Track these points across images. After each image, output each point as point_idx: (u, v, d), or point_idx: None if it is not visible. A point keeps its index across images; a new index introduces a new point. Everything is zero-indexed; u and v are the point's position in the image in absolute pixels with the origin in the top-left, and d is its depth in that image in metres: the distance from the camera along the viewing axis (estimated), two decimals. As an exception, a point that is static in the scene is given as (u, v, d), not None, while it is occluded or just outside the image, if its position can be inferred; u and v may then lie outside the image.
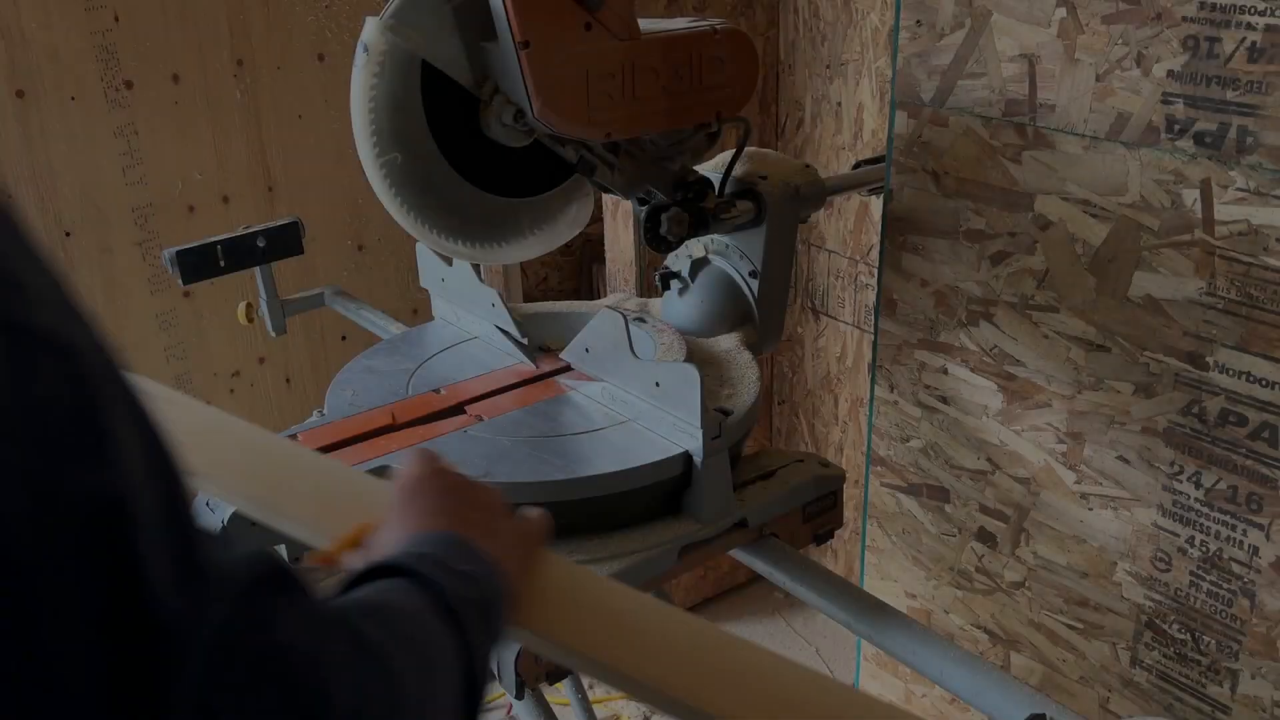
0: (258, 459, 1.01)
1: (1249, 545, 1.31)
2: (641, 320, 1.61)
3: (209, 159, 2.61)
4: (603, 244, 2.56)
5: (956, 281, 1.58)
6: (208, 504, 1.20)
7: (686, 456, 1.29)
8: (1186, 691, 1.43)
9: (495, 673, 1.20)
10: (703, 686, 0.82)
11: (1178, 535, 1.39)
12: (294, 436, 1.32)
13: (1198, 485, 1.35)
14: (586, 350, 1.42)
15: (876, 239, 2.53)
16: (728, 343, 1.57)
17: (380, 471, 1.25)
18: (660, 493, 1.29)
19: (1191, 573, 1.39)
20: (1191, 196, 1.27)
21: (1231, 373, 1.28)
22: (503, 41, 1.25)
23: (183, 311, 2.56)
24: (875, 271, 2.18)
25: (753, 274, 1.58)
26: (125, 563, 0.42)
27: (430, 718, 0.61)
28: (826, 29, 2.53)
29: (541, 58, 1.25)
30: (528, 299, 3.05)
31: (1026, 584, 1.62)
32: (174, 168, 2.54)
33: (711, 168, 1.58)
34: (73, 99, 2.22)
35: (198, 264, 1.55)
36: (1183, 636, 1.42)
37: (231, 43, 2.58)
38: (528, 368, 1.51)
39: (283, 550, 1.22)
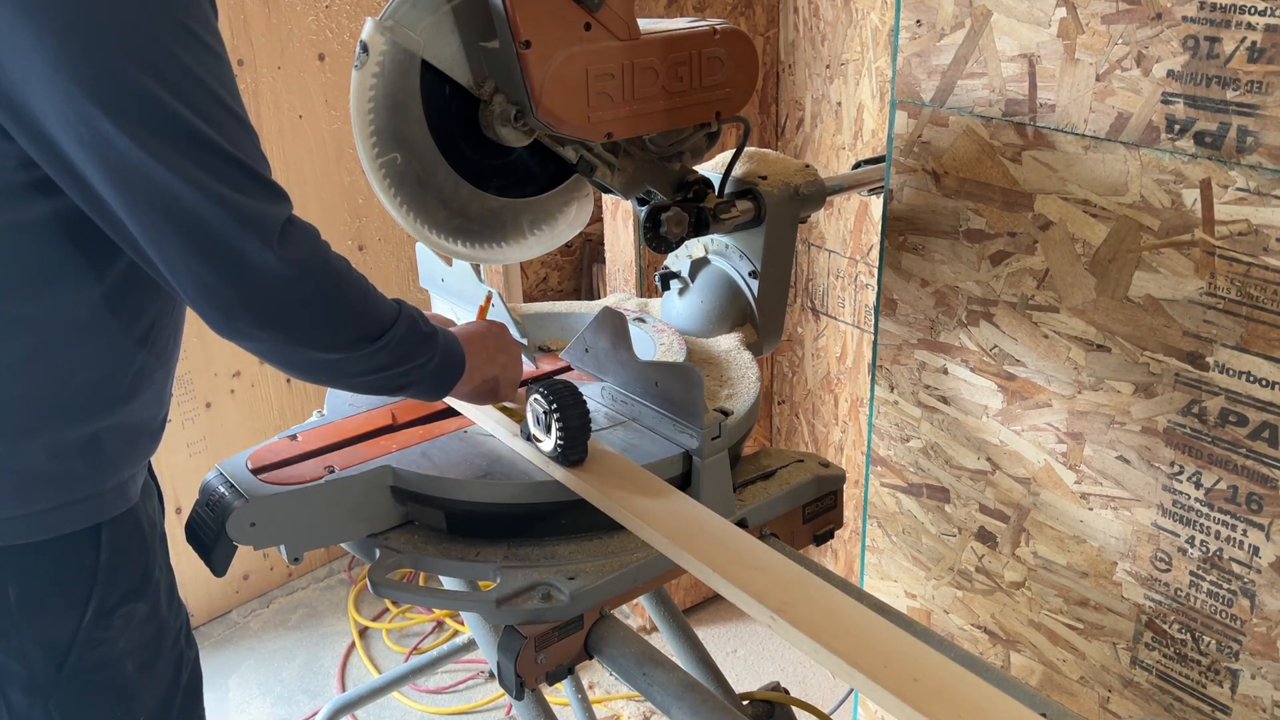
0: None
1: (1249, 545, 1.31)
2: (641, 320, 1.61)
3: (209, 159, 2.60)
4: (603, 244, 2.57)
5: (956, 281, 1.58)
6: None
7: (686, 456, 1.29)
8: (1186, 691, 1.43)
9: (496, 673, 1.20)
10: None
11: (1178, 535, 1.39)
12: (294, 437, 1.32)
13: (1198, 485, 1.35)
14: (586, 350, 1.42)
15: (876, 239, 2.53)
16: (728, 343, 1.57)
17: (380, 472, 1.25)
18: (660, 493, 1.29)
19: (1191, 573, 1.39)
20: (1191, 196, 1.27)
21: (1231, 373, 1.28)
22: (503, 41, 1.25)
23: (183, 311, 2.55)
24: (875, 271, 2.18)
25: (753, 274, 1.58)
26: None
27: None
28: (826, 29, 2.53)
29: (541, 58, 1.25)
30: (528, 299, 3.05)
31: (1026, 584, 1.62)
32: (174, 168, 2.54)
33: (711, 168, 1.58)
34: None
35: (198, 264, 1.54)
36: (1183, 636, 1.42)
37: (231, 43, 2.58)
38: (528, 368, 1.51)
39: (283, 550, 1.22)
